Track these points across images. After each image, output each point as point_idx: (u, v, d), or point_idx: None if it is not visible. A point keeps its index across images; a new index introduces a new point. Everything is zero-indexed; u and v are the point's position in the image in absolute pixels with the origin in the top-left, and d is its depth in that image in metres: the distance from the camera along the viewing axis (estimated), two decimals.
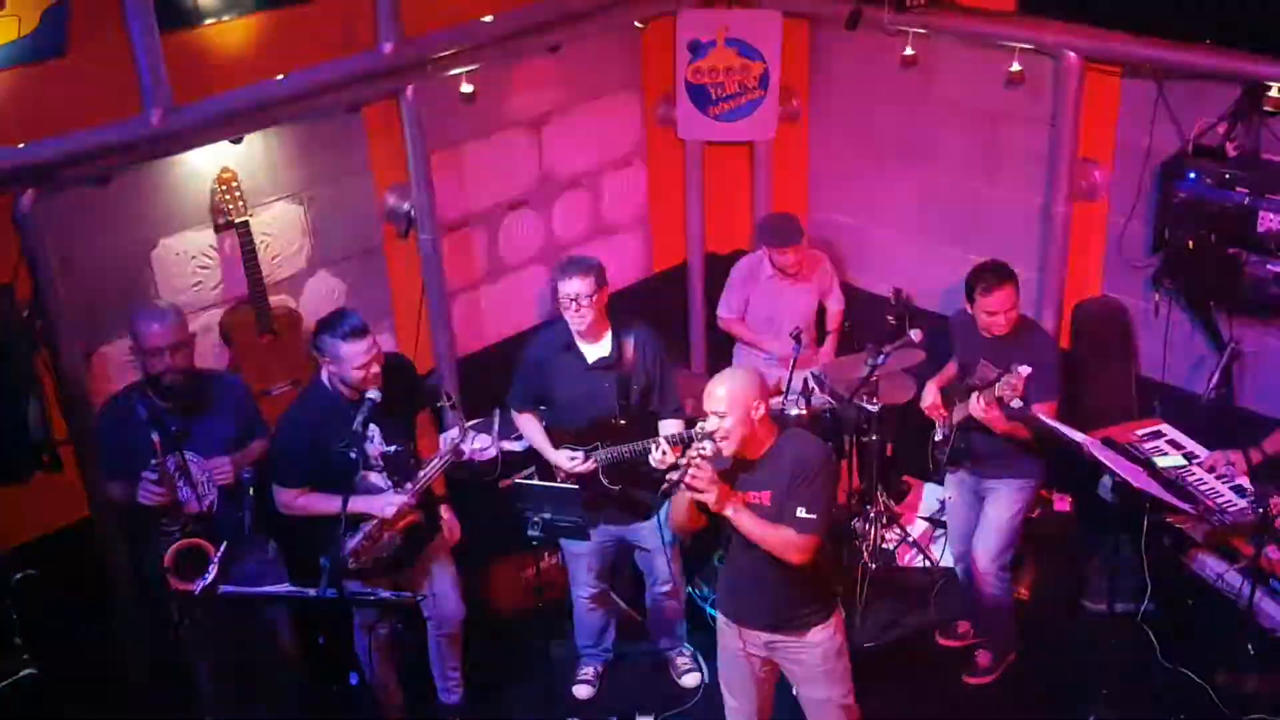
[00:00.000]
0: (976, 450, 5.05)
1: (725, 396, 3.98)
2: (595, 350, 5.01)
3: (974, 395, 4.71)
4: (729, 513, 4.02)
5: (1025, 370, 4.57)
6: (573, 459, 5.04)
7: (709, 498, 3.97)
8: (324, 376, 4.65)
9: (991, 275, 4.89)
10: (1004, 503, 5.14)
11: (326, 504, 4.63)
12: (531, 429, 5.19)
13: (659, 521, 5.27)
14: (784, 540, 4.03)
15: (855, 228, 6.75)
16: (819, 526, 4.03)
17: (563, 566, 5.58)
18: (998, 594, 5.33)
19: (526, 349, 5.17)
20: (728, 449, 4.02)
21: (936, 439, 5.14)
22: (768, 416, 4.07)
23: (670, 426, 5.05)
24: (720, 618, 4.48)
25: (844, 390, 5.90)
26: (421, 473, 4.77)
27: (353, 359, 4.48)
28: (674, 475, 3.97)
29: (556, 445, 5.12)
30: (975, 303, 4.91)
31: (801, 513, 4.01)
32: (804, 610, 4.26)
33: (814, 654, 4.31)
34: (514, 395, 5.20)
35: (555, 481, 5.09)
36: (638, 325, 5.07)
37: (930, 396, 5.21)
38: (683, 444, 4.85)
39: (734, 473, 4.14)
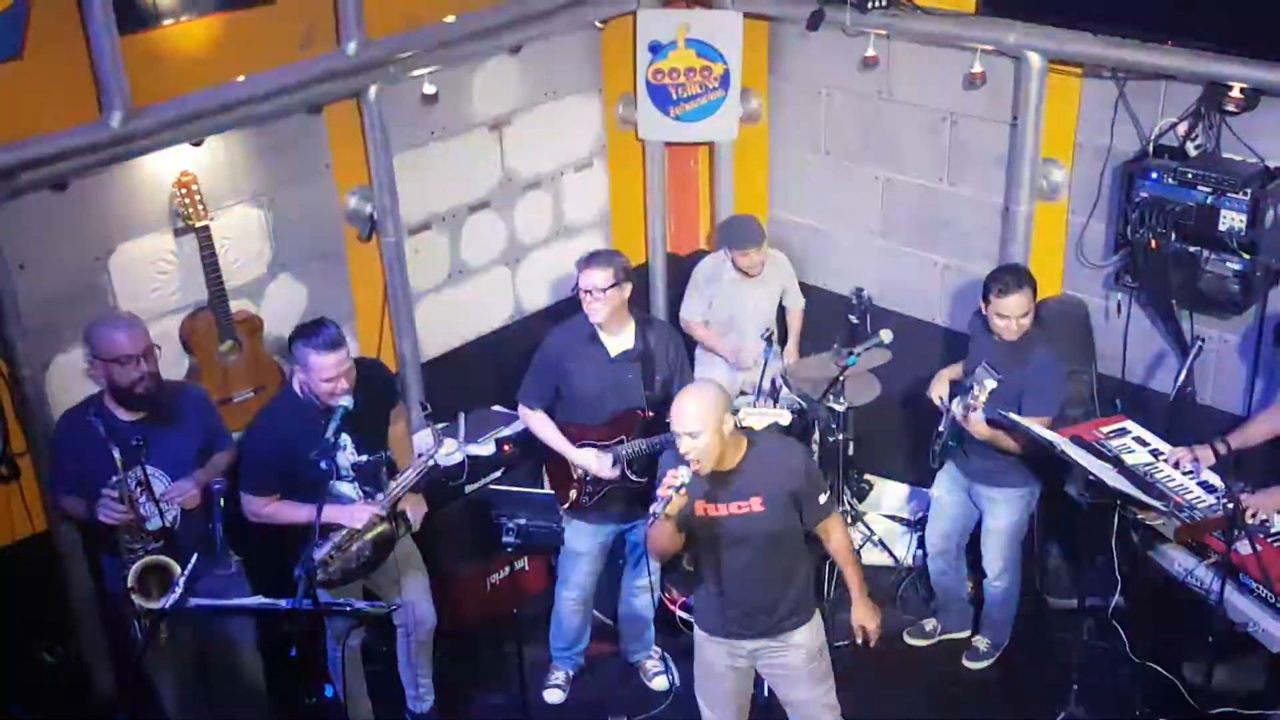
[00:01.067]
0: (973, 454, 5.10)
1: (696, 415, 3.93)
2: (618, 343, 4.98)
3: (956, 399, 4.76)
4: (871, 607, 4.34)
5: (990, 384, 4.63)
6: (597, 459, 4.97)
7: (873, 633, 4.36)
8: (295, 383, 4.58)
9: (1008, 278, 4.93)
10: (1002, 512, 5.24)
11: (294, 512, 4.60)
12: (546, 428, 5.10)
13: None
14: (845, 539, 4.35)
15: (816, 228, 6.76)
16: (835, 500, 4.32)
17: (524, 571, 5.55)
18: (1008, 592, 5.46)
19: (544, 344, 5.08)
20: (704, 469, 3.98)
21: (939, 429, 5.19)
22: (735, 427, 4.06)
23: None
24: (700, 634, 4.44)
25: (809, 390, 5.92)
26: (394, 484, 4.72)
27: (322, 371, 4.43)
28: (656, 508, 3.90)
29: (573, 443, 5.05)
30: (989, 304, 4.95)
31: (823, 499, 4.20)
32: (793, 614, 4.29)
33: (798, 655, 4.33)
34: (526, 393, 5.11)
35: (568, 482, 5.06)
36: (654, 319, 5.13)
37: (938, 388, 5.25)
38: None
39: (714, 490, 4.10)
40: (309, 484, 4.45)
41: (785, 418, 4.96)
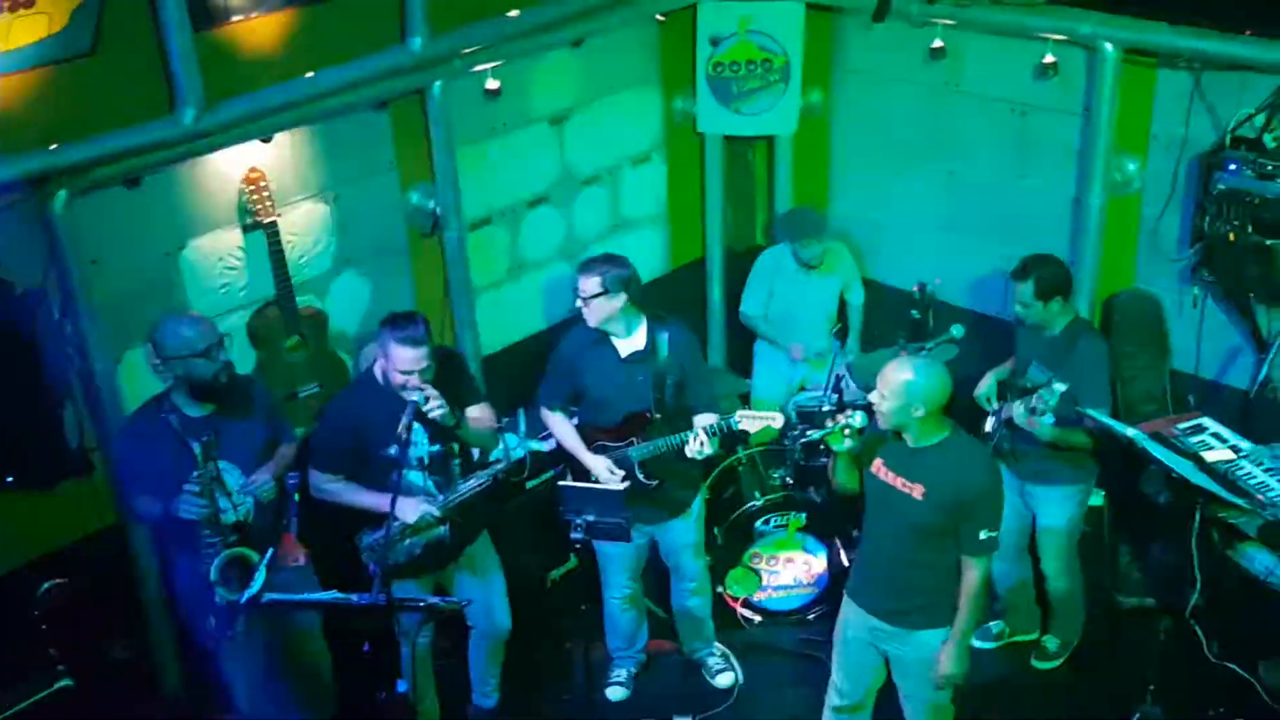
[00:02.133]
0: (1024, 454, 5.02)
1: (891, 382, 4.08)
2: (628, 344, 4.95)
3: (1017, 402, 4.70)
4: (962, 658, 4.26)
5: (1061, 387, 4.56)
6: (612, 473, 4.97)
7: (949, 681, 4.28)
8: (377, 369, 4.60)
9: (1019, 264, 4.94)
10: (1056, 512, 5.17)
11: (355, 495, 4.64)
12: (563, 429, 5.13)
13: (692, 519, 5.23)
14: (974, 589, 4.19)
15: (878, 221, 6.69)
16: (998, 542, 4.19)
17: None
18: (1070, 590, 5.38)
19: (558, 346, 5.10)
20: (882, 424, 4.16)
21: (986, 429, 5.11)
22: (930, 414, 4.10)
23: (705, 419, 5.00)
24: (845, 592, 4.54)
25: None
26: (459, 488, 4.71)
27: (399, 362, 4.45)
28: (813, 433, 4.36)
29: (589, 444, 5.06)
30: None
31: (984, 535, 4.12)
32: (924, 610, 4.27)
33: (920, 652, 4.33)
34: (544, 394, 5.14)
35: (587, 481, 5.03)
36: (670, 320, 5.03)
37: (985, 388, 5.19)
38: (720, 433, 4.83)
39: (894, 458, 4.20)
40: (378, 469, 4.49)
41: (778, 421, 4.90)
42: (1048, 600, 5.49)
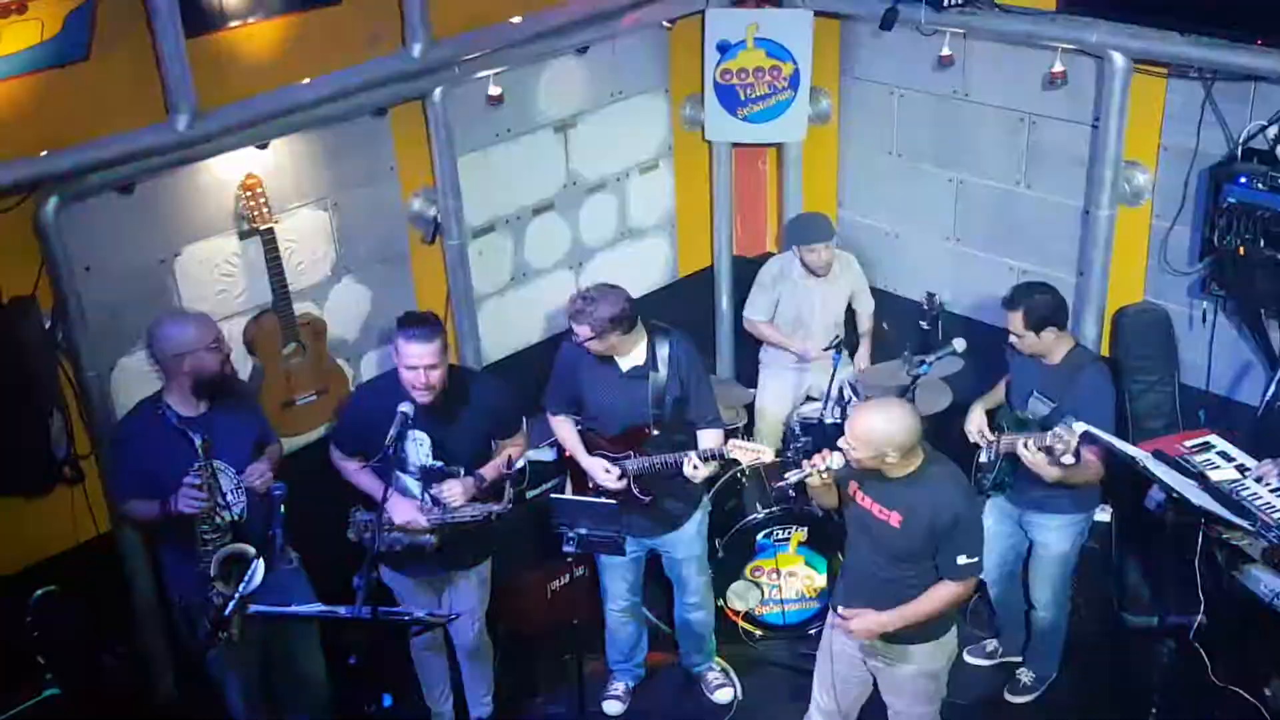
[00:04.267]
0: (1021, 483, 4.93)
1: (861, 432, 4.03)
2: (628, 360, 4.90)
3: (1021, 441, 4.59)
4: (890, 627, 4.17)
5: (1081, 427, 4.47)
6: (608, 472, 4.93)
7: (857, 636, 4.22)
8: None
9: (1008, 294, 4.86)
10: (1054, 539, 5.07)
11: (362, 478, 4.74)
12: (566, 432, 5.10)
13: (692, 533, 5.18)
14: (945, 601, 4.13)
15: (886, 231, 6.61)
16: (979, 568, 4.15)
17: (585, 578, 5.48)
18: (1055, 623, 5.30)
19: (560, 351, 5.06)
20: (855, 464, 4.11)
21: (981, 460, 5.01)
22: (902, 455, 4.05)
23: (708, 437, 4.95)
24: (830, 612, 4.48)
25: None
26: (457, 510, 4.70)
27: (405, 358, 4.51)
28: (793, 475, 4.20)
29: (591, 450, 5.01)
30: None
31: (963, 559, 4.07)
32: (910, 627, 4.22)
33: (906, 669, 4.30)
34: (549, 398, 5.12)
35: (585, 488, 5.02)
36: (672, 333, 4.97)
37: (976, 420, 5.08)
38: (715, 459, 4.78)
39: (869, 483, 4.18)
40: (378, 463, 4.56)
41: (769, 455, 4.81)
42: (1030, 630, 5.38)
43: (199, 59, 4.61)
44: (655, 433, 4.91)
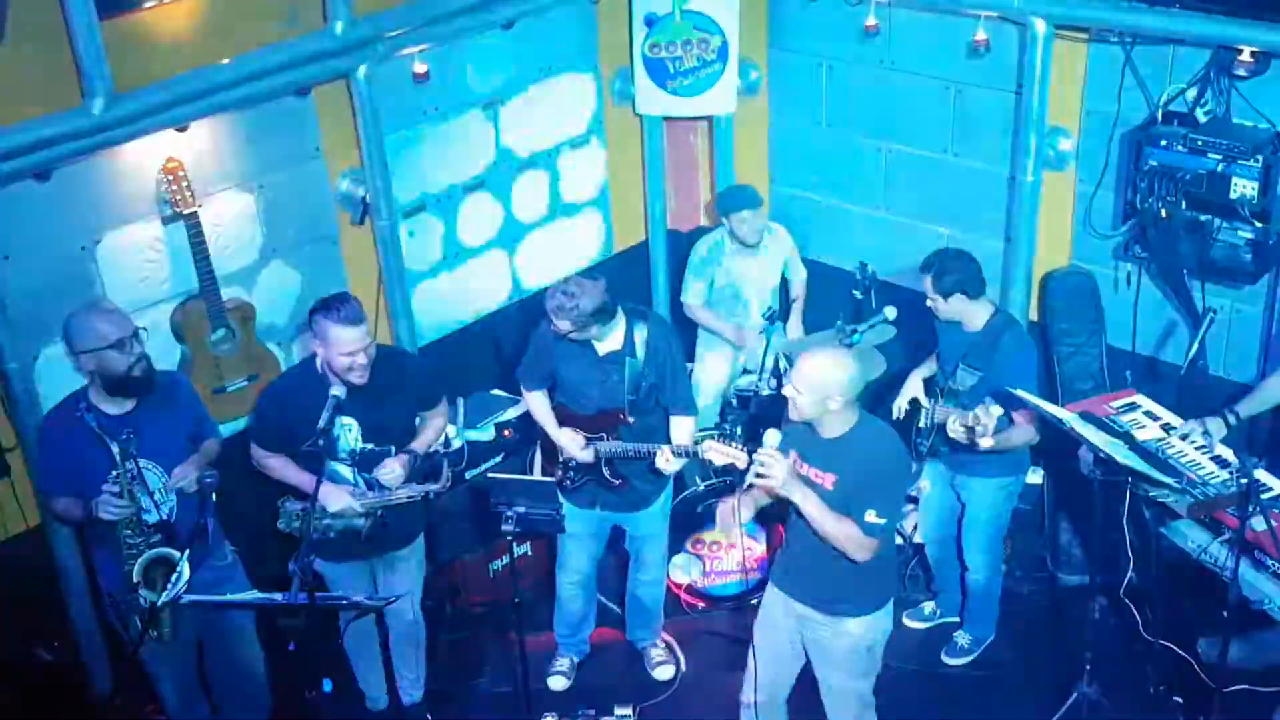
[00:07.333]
0: (954, 447, 4.98)
1: (806, 376, 4.02)
2: (606, 345, 4.89)
3: (950, 419, 4.66)
4: (795, 498, 4.03)
5: (997, 410, 4.56)
6: (574, 440, 4.95)
7: (774, 482, 4.00)
8: (318, 359, 4.55)
9: (926, 260, 4.90)
10: (986, 502, 5.14)
11: (289, 472, 4.67)
12: (537, 405, 5.09)
13: (658, 510, 5.18)
14: (847, 534, 4.06)
15: (818, 202, 6.64)
16: (886, 531, 4.09)
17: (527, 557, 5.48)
18: (988, 585, 5.36)
19: (539, 324, 5.00)
20: (795, 416, 4.09)
21: (920, 424, 5.06)
22: (844, 405, 4.06)
23: (682, 425, 4.97)
24: (771, 578, 4.51)
25: None
26: (392, 492, 4.67)
27: (340, 345, 4.41)
28: (749, 475, 4.06)
29: (561, 424, 5.02)
30: None
31: (871, 516, 4.04)
32: (847, 599, 4.25)
33: (843, 641, 4.32)
34: (524, 373, 5.09)
35: (556, 462, 5.03)
36: (650, 316, 4.99)
37: (911, 390, 5.14)
38: (686, 456, 4.80)
39: (808, 449, 4.16)
40: (303, 456, 4.51)
41: (742, 460, 4.61)
42: (965, 592, 5.46)
43: (114, 40, 4.51)
44: (631, 420, 4.91)
